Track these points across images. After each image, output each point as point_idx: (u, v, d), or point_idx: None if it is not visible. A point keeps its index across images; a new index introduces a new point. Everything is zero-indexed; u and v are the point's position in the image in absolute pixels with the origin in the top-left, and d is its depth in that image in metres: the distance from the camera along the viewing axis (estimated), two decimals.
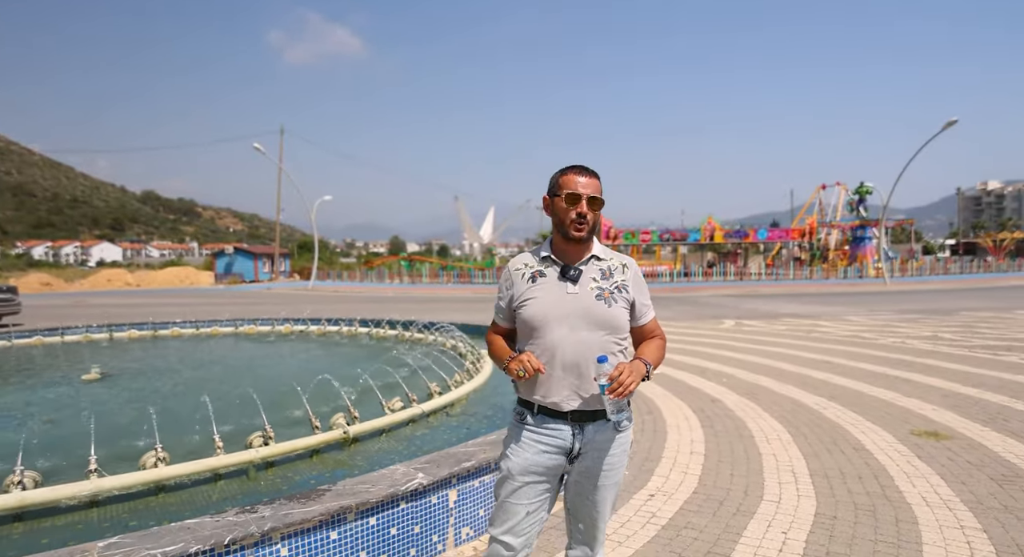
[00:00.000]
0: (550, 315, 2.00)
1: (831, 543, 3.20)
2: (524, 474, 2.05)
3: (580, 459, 2.06)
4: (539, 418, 2.06)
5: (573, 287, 2.03)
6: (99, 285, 50.21)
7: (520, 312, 2.06)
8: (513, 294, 2.10)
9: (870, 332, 12.10)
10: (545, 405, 2.04)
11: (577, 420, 2.03)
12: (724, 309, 18.99)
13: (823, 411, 5.99)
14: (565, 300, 2.01)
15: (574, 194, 2.01)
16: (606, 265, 2.10)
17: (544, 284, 2.05)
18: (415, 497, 3.05)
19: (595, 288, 2.04)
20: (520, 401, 2.15)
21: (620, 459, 2.11)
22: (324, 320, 11.14)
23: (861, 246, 44.73)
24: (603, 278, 2.06)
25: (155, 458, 3.59)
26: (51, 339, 9.79)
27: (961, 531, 3.29)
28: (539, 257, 2.12)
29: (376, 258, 75.61)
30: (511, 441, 2.13)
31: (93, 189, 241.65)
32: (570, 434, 2.03)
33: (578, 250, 2.08)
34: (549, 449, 2.05)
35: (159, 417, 4.08)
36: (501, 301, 2.16)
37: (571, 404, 2.01)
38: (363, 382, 5.43)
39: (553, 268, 2.07)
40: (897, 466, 4.36)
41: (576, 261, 2.07)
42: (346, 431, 4.28)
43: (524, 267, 2.13)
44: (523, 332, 2.09)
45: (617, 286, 2.06)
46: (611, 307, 2.03)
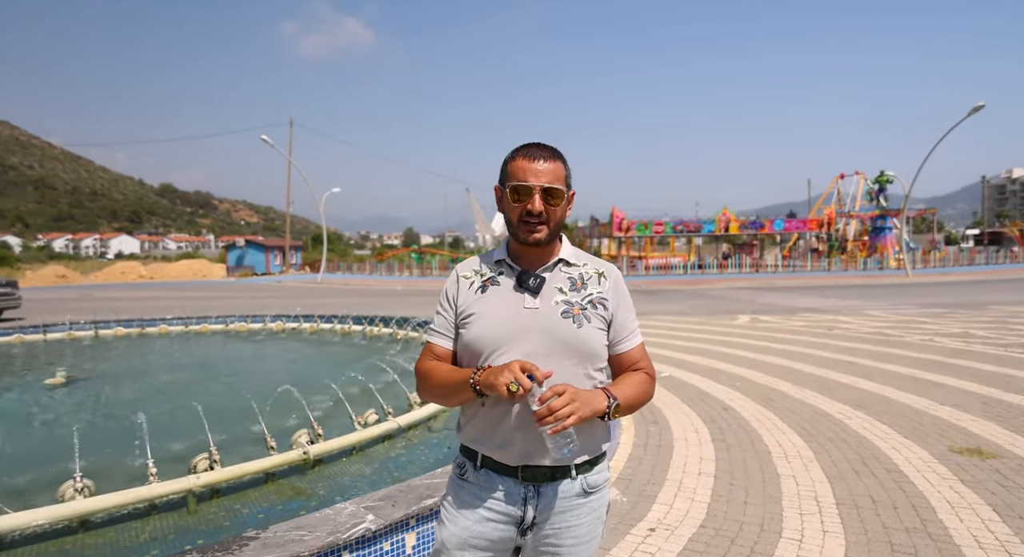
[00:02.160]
0: (501, 337, 1.51)
1: None
2: (462, 549, 1.54)
3: (535, 531, 1.54)
4: (482, 473, 1.56)
5: (532, 300, 1.54)
6: (113, 278, 50.44)
7: (463, 331, 1.57)
8: (459, 307, 1.60)
9: (894, 329, 11.43)
10: (489, 456, 1.54)
11: (531, 478, 1.52)
12: (739, 303, 18.33)
13: (847, 421, 5.41)
14: (520, 317, 1.52)
15: (522, 186, 1.51)
16: (577, 272, 1.61)
17: (496, 296, 1.57)
18: (362, 545, 2.54)
19: (561, 302, 1.55)
20: (462, 448, 1.64)
21: (592, 530, 1.57)
22: (317, 317, 10.69)
23: (881, 236, 43.60)
24: (572, 289, 1.58)
25: (74, 488, 3.11)
26: (32, 337, 9.40)
27: None
28: (492, 261, 1.64)
29: (389, 250, 75.34)
30: (447, 503, 1.62)
31: (112, 182, 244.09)
32: (521, 498, 1.52)
33: (541, 253, 1.60)
34: (494, 517, 1.53)
35: (109, 432, 3.64)
36: (443, 315, 1.63)
37: (520, 457, 1.50)
38: (342, 390, 4.93)
39: (508, 275, 1.59)
40: (938, 493, 3.79)
41: (538, 266, 1.59)
42: (306, 451, 3.78)
43: (473, 274, 1.64)
44: (466, 359, 1.58)
45: (591, 300, 1.56)
46: (581, 327, 1.53)
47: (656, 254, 50.09)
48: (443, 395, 1.58)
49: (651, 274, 38.98)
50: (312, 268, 52.37)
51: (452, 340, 1.62)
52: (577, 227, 51.45)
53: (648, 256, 46.62)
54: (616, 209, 40.50)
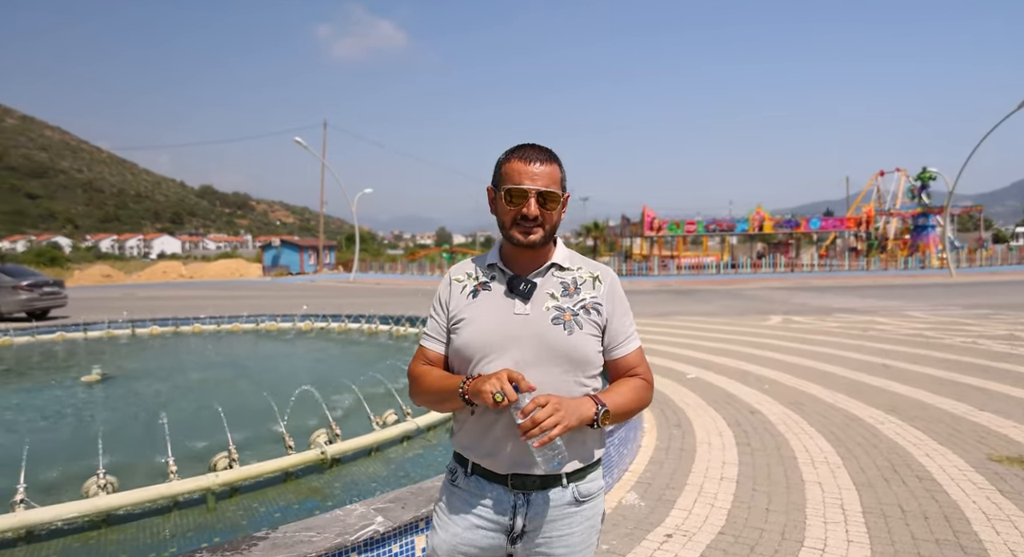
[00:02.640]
0: (491, 343, 1.49)
1: None
2: (452, 555, 1.53)
3: (525, 540, 1.51)
4: (472, 480, 1.54)
5: (523, 306, 1.51)
6: (155, 277, 51.97)
7: (454, 336, 1.56)
8: (450, 311, 1.58)
9: (935, 330, 11.04)
10: (479, 463, 1.52)
11: (520, 487, 1.49)
12: (772, 303, 17.95)
13: (879, 427, 5.23)
14: (511, 323, 1.50)
15: (517, 190, 1.48)
16: (571, 276, 1.58)
17: (487, 301, 1.55)
18: (370, 547, 2.54)
19: (552, 307, 1.52)
20: (455, 454, 1.63)
21: (585, 540, 1.54)
22: (345, 317, 10.82)
23: (924, 235, 42.24)
24: (565, 294, 1.54)
25: (97, 485, 3.19)
26: (73, 335, 9.74)
27: None
28: (485, 265, 1.62)
29: (421, 250, 75.99)
30: (438, 509, 1.61)
31: (155, 184, 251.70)
32: (511, 506, 1.50)
33: (534, 256, 1.57)
34: (484, 524, 1.51)
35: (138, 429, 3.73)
36: (435, 319, 1.62)
37: (509, 465, 1.48)
38: (363, 388, 4.96)
39: (500, 280, 1.57)
40: (974, 503, 3.63)
41: (530, 271, 1.56)
42: (323, 451, 3.82)
43: (466, 277, 1.62)
44: (457, 365, 1.57)
45: (584, 305, 1.53)
46: (572, 334, 1.49)
47: (689, 253, 49.41)
48: (434, 401, 1.56)
49: (683, 274, 38.48)
50: (345, 268, 53.10)
51: (444, 344, 1.60)
52: (608, 226, 51.05)
53: (680, 255, 46.02)
54: (647, 208, 40.06)
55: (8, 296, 15.66)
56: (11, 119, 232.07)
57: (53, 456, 3.35)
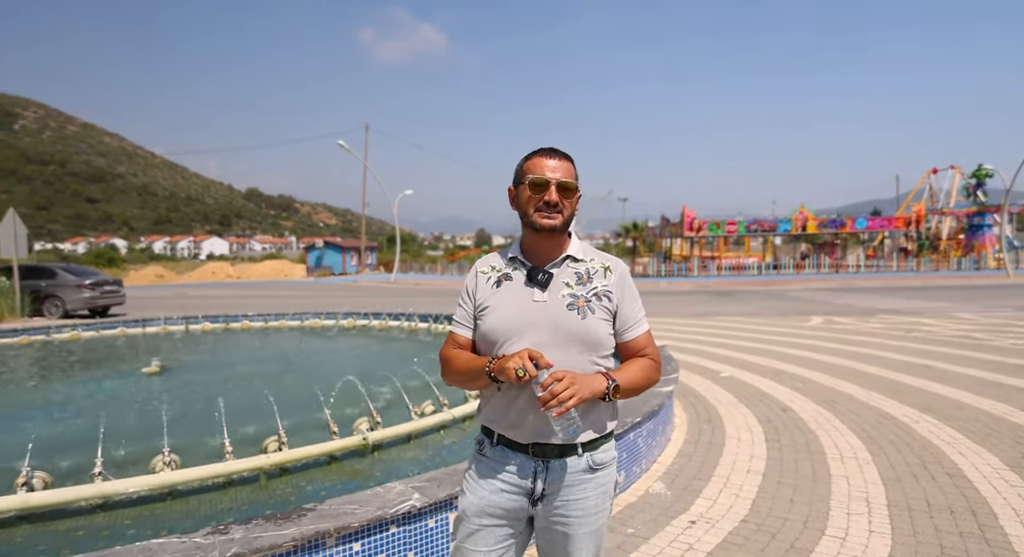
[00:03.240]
0: (512, 327, 1.66)
1: None
2: (480, 516, 1.70)
3: (545, 502, 1.70)
4: (498, 450, 1.73)
5: (541, 294, 1.69)
6: (204, 277, 53.90)
7: (479, 322, 1.74)
8: (476, 300, 1.77)
9: (983, 332, 10.75)
10: (503, 434, 1.71)
11: (540, 455, 1.67)
12: (813, 304, 17.65)
13: (913, 425, 5.22)
14: (530, 310, 1.68)
15: (540, 180, 1.67)
16: (584, 267, 1.75)
17: (508, 290, 1.73)
18: (408, 521, 2.76)
19: (567, 295, 1.69)
20: (482, 426, 1.81)
21: (599, 504, 1.71)
22: (386, 314, 11.16)
23: (979, 235, 40.64)
24: (579, 283, 1.72)
25: (162, 462, 3.50)
26: (133, 330, 10.35)
27: None
28: (507, 258, 1.80)
29: (461, 251, 76.73)
30: (468, 475, 1.80)
31: (205, 188, 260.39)
32: (532, 472, 1.68)
33: (550, 249, 1.74)
34: (508, 488, 1.69)
35: (195, 415, 4.05)
36: (463, 307, 1.80)
37: (531, 436, 1.66)
38: (402, 380, 5.22)
39: (520, 271, 1.75)
40: (1003, 499, 3.65)
41: (548, 263, 1.73)
42: (365, 437, 4.07)
43: (490, 270, 1.80)
44: (483, 348, 1.75)
45: (596, 293, 1.70)
46: (585, 318, 1.66)
47: (730, 254, 48.65)
48: (463, 380, 1.76)
49: (723, 274, 37.94)
50: (386, 268, 54.07)
51: (471, 330, 1.78)
52: (647, 227, 50.66)
53: (721, 256, 45.35)
54: (687, 208, 39.63)
55: (73, 294, 16.61)
56: (73, 127, 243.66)
57: (121, 437, 3.68)
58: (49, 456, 3.40)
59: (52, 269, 17.51)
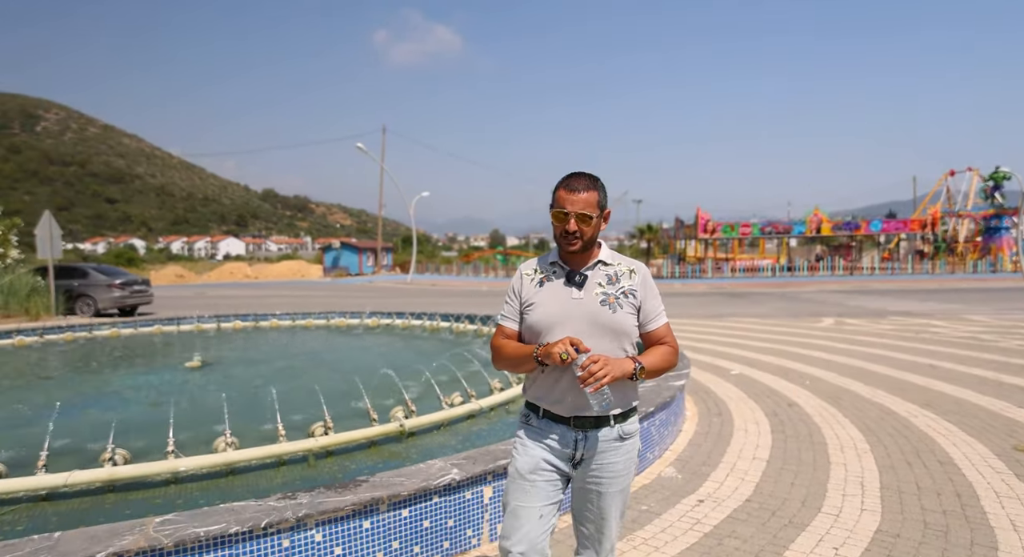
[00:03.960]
0: (555, 320, 2.00)
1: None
2: (533, 471, 2.04)
3: (583, 465, 2.06)
4: (543, 422, 2.08)
5: (578, 292, 2.03)
6: (223, 277, 54.78)
7: (526, 316, 2.08)
8: (522, 298, 2.11)
9: (992, 333, 10.96)
10: (548, 409, 2.05)
11: (580, 426, 2.02)
12: (826, 306, 17.84)
13: (912, 419, 5.53)
14: (569, 305, 2.01)
15: (560, 213, 2.00)
16: (613, 270, 2.08)
17: (550, 289, 2.07)
18: (448, 492, 3.14)
19: (600, 293, 2.03)
20: (527, 403, 2.16)
21: (626, 467, 2.08)
22: (408, 314, 11.59)
23: (996, 237, 40.40)
24: (609, 283, 2.05)
25: (225, 443, 3.92)
26: (168, 328, 10.88)
27: None
28: (547, 263, 2.13)
29: (475, 252, 77.30)
30: (518, 443, 2.15)
31: (221, 188, 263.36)
32: (573, 440, 2.03)
33: (583, 256, 2.08)
34: (555, 451, 2.06)
35: (242, 403, 4.46)
36: (510, 304, 2.15)
37: (572, 410, 2.01)
38: (427, 377, 5.62)
39: (560, 274, 2.08)
40: (987, 483, 3.97)
41: (582, 266, 2.07)
42: (401, 424, 4.47)
43: (533, 272, 2.14)
44: (528, 337, 2.09)
45: (623, 291, 2.04)
46: (615, 312, 2.01)
47: (744, 256, 48.66)
48: (512, 364, 2.09)
49: (737, 276, 38.04)
50: (402, 269, 54.65)
51: (518, 323, 2.12)
52: (662, 228, 50.80)
53: (736, 258, 45.41)
54: (701, 210, 39.77)
55: (104, 293, 17.23)
56: (94, 128, 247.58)
57: (179, 423, 4.08)
58: (117, 438, 3.80)
59: (84, 269, 18.14)
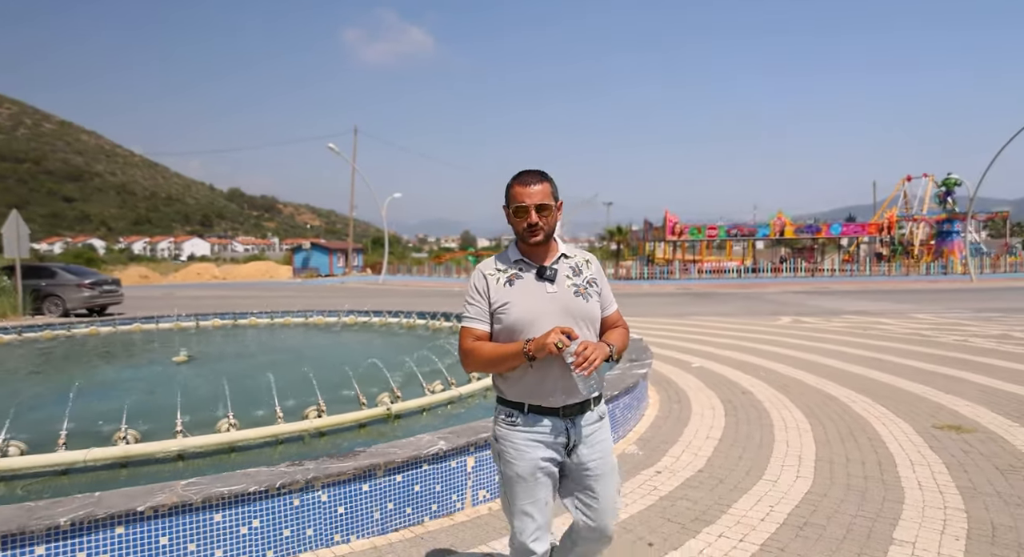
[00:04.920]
0: (535, 316, 2.05)
1: (812, 516, 3.50)
2: (534, 472, 2.09)
3: (576, 450, 2.13)
4: (530, 418, 2.10)
5: (552, 287, 2.10)
6: (190, 278, 54.04)
7: (503, 316, 2.09)
8: (492, 298, 2.11)
9: (933, 330, 11.76)
10: (536, 403, 2.08)
11: (568, 414, 2.10)
12: (786, 306, 18.67)
13: (851, 405, 6.11)
14: (545, 299, 2.08)
15: (520, 207, 2.06)
16: (574, 262, 2.20)
17: (522, 286, 2.11)
18: (436, 460, 3.56)
19: (571, 285, 2.13)
20: (505, 402, 2.16)
21: (607, 441, 2.21)
22: (385, 312, 11.94)
23: (948, 241, 42.25)
24: (575, 275, 2.16)
25: (228, 424, 4.27)
26: (148, 326, 11.04)
27: (943, 511, 3.51)
28: (510, 261, 2.17)
29: (446, 253, 77.48)
30: (508, 447, 2.13)
31: (185, 188, 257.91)
32: (564, 429, 2.10)
33: (545, 251, 2.16)
34: (549, 444, 2.11)
35: (234, 392, 4.77)
36: (477, 306, 2.13)
37: (562, 399, 2.09)
38: (409, 367, 6.01)
39: (529, 270, 2.14)
40: (906, 454, 4.53)
41: (547, 261, 2.15)
42: (388, 408, 4.87)
43: (498, 272, 2.16)
44: (504, 337, 2.10)
45: (588, 281, 2.17)
46: (588, 301, 2.13)
47: (712, 258, 49.90)
48: (493, 364, 2.07)
49: (704, 277, 39.08)
50: (373, 270, 54.58)
51: (488, 324, 2.12)
52: (631, 231, 51.77)
53: (703, 260, 46.58)
54: (669, 213, 40.74)
55: (73, 293, 17.12)
56: (49, 124, 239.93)
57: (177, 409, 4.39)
58: (117, 423, 4.11)
59: (52, 269, 17.99)
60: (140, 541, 2.74)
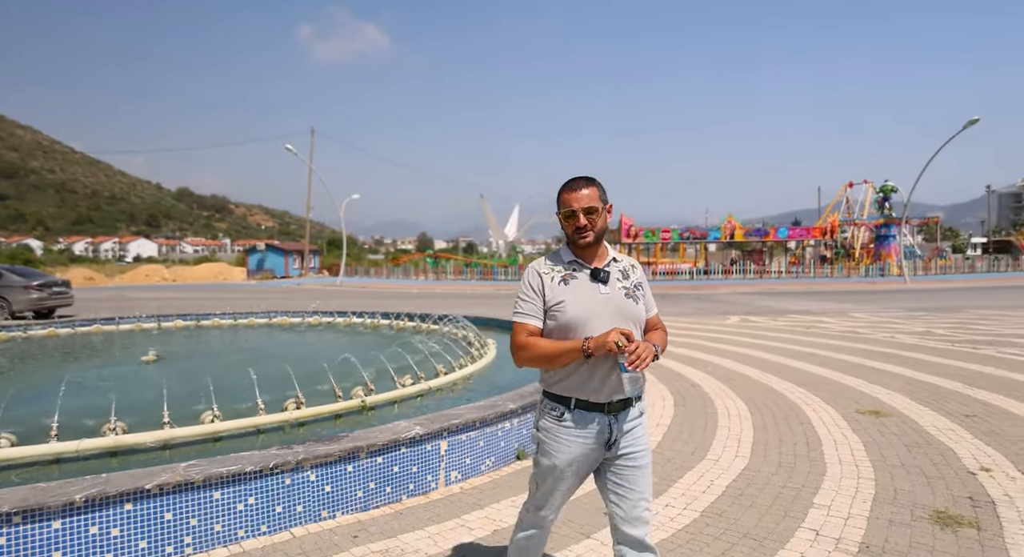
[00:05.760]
0: (590, 315, 2.14)
1: (747, 488, 3.99)
2: (570, 465, 2.20)
3: (616, 445, 2.20)
4: (577, 414, 2.17)
5: (605, 288, 2.20)
6: (138, 279, 52.41)
7: (558, 314, 2.17)
8: (547, 297, 2.20)
9: (867, 328, 12.64)
10: (584, 399, 2.16)
11: (612, 410, 2.17)
12: (735, 306, 19.54)
13: (788, 395, 6.70)
14: (599, 300, 2.18)
15: (569, 211, 2.18)
16: (623, 266, 2.31)
17: (577, 286, 2.19)
18: (413, 444, 3.91)
19: (622, 287, 2.23)
20: (553, 397, 2.23)
21: (645, 435, 2.28)
22: (350, 312, 12.13)
23: (885, 244, 44.50)
24: (624, 278, 2.27)
25: (212, 416, 4.52)
26: (108, 327, 10.95)
27: (856, 480, 4.06)
28: (564, 262, 2.26)
29: (403, 255, 77.14)
30: (551, 440, 2.22)
31: (130, 186, 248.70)
32: (607, 424, 2.17)
33: (595, 253, 2.25)
34: (590, 442, 2.18)
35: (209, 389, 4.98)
36: (532, 303, 2.21)
37: (608, 396, 2.17)
38: (380, 363, 6.31)
39: (583, 271, 2.23)
40: (831, 435, 5.10)
41: (599, 263, 2.25)
42: (363, 400, 5.17)
43: (552, 271, 2.24)
44: (559, 333, 2.18)
45: (635, 284, 2.29)
46: (637, 303, 2.24)
47: (666, 260, 51.25)
48: (549, 360, 2.13)
49: (657, 279, 40.18)
50: (330, 271, 54.03)
51: (541, 320, 2.20)
52: None
53: (657, 262, 47.84)
54: (624, 216, 41.74)
55: (20, 295, 16.65)
56: None
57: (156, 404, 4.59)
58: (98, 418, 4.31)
59: None
60: (147, 516, 3.01)
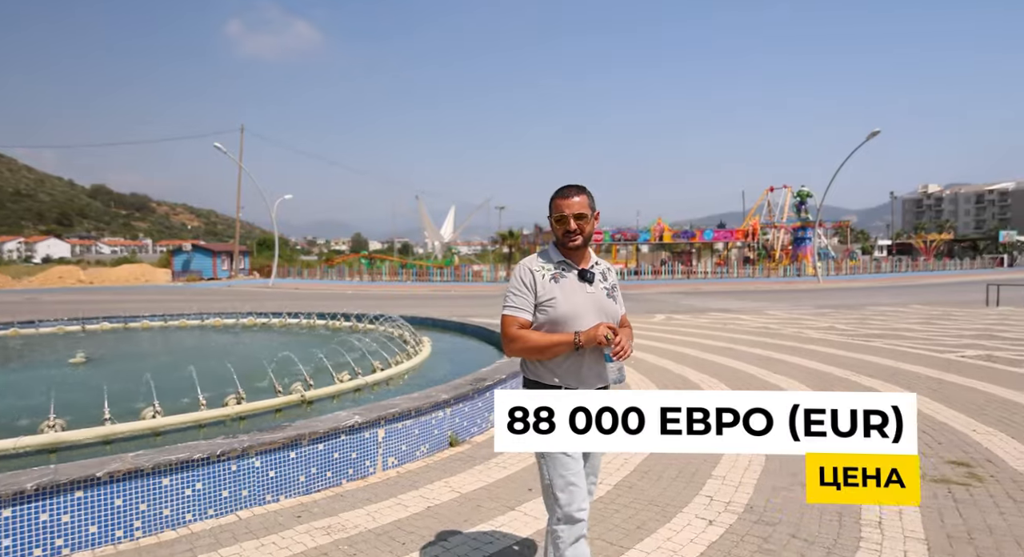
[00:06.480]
0: (578, 311, 2.34)
1: (654, 466, 4.51)
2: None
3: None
4: None
5: (590, 287, 2.40)
6: (50, 282, 49.34)
7: (549, 309, 2.35)
8: (539, 292, 2.37)
9: (778, 324, 13.65)
10: (575, 387, 2.31)
11: None
12: (663, 305, 20.50)
13: (699, 383, 7.34)
14: (586, 298, 2.37)
15: (560, 216, 2.38)
16: (602, 268, 2.53)
17: (566, 285, 2.38)
18: (352, 432, 4.20)
19: (603, 287, 2.45)
20: (542, 386, 2.35)
21: None
22: (285, 313, 12.11)
23: (802, 246, 47.29)
24: (604, 279, 2.49)
25: (153, 412, 4.64)
26: (26, 331, 10.53)
27: (750, 458, 4.62)
28: (554, 261, 2.45)
29: (337, 256, 75.81)
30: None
31: (38, 182, 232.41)
32: None
33: (582, 255, 2.46)
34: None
35: (145, 387, 5.08)
36: (523, 297, 2.37)
37: (595, 383, 2.36)
38: (319, 361, 6.51)
39: (571, 271, 2.42)
40: None
41: (584, 265, 2.45)
42: (303, 395, 5.39)
43: (543, 269, 2.42)
44: (548, 327, 2.35)
45: (613, 285, 2.52)
46: (616, 302, 2.47)
47: None
48: (539, 351, 2.31)
49: None
50: (261, 273, 52.59)
51: (531, 314, 2.36)
52: (522, 235, 53.47)
53: None
54: None
55: None
56: None
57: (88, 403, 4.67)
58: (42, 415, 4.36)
59: None
60: (97, 503, 3.18)
